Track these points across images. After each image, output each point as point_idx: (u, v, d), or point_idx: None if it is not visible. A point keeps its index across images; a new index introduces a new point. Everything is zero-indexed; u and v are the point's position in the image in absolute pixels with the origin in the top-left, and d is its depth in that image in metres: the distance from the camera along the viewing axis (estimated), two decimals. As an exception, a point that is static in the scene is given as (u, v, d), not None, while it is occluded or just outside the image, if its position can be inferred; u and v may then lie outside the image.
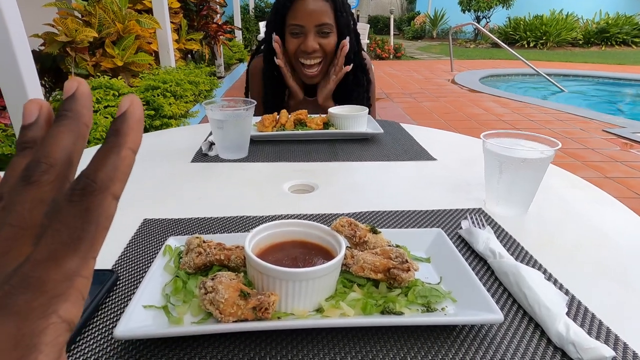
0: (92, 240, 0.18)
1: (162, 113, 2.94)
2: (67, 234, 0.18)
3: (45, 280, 0.17)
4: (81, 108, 0.20)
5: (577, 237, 0.67)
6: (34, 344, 0.16)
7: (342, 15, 1.34)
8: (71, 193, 0.18)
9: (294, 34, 1.32)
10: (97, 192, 0.18)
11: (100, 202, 0.18)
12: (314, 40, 1.31)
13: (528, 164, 0.68)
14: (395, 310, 0.46)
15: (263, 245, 0.52)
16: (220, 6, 6.13)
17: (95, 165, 0.19)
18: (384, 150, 1.08)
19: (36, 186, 0.19)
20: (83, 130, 0.20)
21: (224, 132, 0.99)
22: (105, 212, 0.18)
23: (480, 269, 0.58)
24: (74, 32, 2.73)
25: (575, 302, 0.51)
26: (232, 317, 0.43)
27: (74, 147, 0.20)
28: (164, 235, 0.65)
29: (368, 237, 0.55)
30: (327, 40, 1.33)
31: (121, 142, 0.19)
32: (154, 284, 0.49)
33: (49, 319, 0.17)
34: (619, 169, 3.14)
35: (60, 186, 0.19)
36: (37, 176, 0.19)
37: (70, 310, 0.17)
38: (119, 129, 0.20)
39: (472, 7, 13.87)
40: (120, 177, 0.19)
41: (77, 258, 0.18)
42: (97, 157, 0.19)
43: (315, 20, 1.29)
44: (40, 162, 0.19)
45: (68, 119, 0.20)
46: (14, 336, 0.16)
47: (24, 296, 0.16)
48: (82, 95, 0.20)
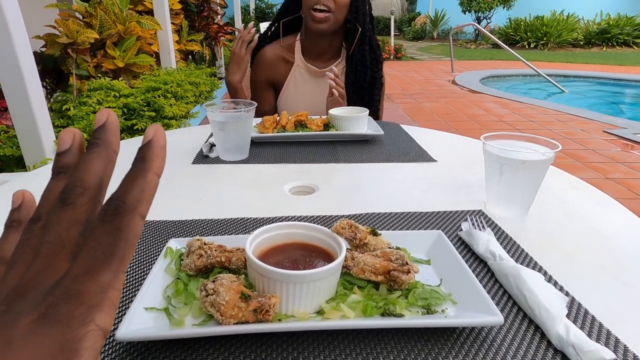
0: (123, 256, 0.20)
1: (162, 114, 2.94)
2: (100, 250, 0.19)
3: (84, 292, 0.19)
4: (110, 137, 0.23)
5: (578, 238, 0.67)
6: (75, 348, 0.18)
7: None
8: (104, 214, 0.20)
9: None
10: (126, 212, 0.20)
11: (129, 222, 0.20)
12: None
13: (528, 166, 0.68)
14: (396, 313, 0.46)
15: (264, 247, 0.52)
16: (221, 7, 6.14)
17: (125, 188, 0.21)
18: (385, 151, 1.08)
19: (72, 208, 0.21)
20: (112, 157, 0.22)
21: (224, 133, 0.99)
22: (134, 230, 0.20)
23: (481, 271, 0.58)
24: (75, 34, 2.74)
25: (576, 304, 0.51)
26: (233, 319, 0.43)
27: (105, 172, 0.22)
28: (165, 236, 0.66)
29: (368, 239, 0.55)
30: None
31: (147, 168, 0.21)
32: (155, 286, 0.50)
33: (88, 326, 0.19)
34: (619, 169, 3.14)
35: (93, 207, 0.21)
36: (73, 198, 0.21)
37: (105, 319, 0.19)
38: (145, 155, 0.22)
39: (472, 8, 13.87)
40: (146, 198, 0.21)
41: (110, 272, 0.19)
42: (126, 181, 0.21)
43: None
44: (76, 186, 0.21)
45: (99, 146, 0.22)
46: (60, 341, 0.18)
47: (66, 306, 0.18)
48: (112, 126, 0.23)
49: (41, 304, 0.18)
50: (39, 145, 1.90)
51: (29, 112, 1.82)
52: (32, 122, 1.84)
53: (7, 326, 0.18)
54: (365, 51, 1.44)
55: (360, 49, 1.43)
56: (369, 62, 1.44)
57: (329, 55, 1.50)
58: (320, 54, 1.49)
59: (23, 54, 1.74)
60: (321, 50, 1.49)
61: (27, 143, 1.89)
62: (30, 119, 1.83)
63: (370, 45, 1.46)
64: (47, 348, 0.18)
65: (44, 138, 1.90)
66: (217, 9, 5.98)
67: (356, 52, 1.43)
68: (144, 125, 2.72)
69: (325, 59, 1.50)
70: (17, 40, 1.70)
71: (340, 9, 1.38)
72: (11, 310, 0.19)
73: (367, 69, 1.44)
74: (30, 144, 1.89)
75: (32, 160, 1.92)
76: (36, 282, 0.20)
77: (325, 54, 1.50)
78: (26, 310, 0.19)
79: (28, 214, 0.26)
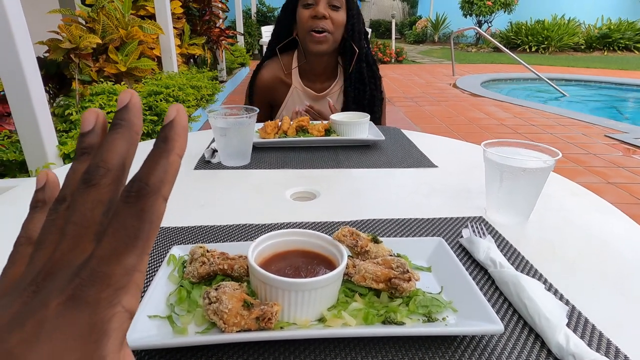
0: (147, 238, 0.20)
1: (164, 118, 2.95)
2: (125, 233, 0.19)
3: (110, 275, 0.19)
4: (133, 117, 0.22)
5: (578, 246, 0.68)
6: (104, 329, 0.18)
7: (352, 1, 1.42)
8: (127, 195, 0.20)
9: (306, 5, 1.38)
10: (150, 194, 0.20)
11: (152, 203, 0.20)
12: (325, 9, 1.36)
13: (528, 174, 0.68)
14: (397, 320, 0.47)
15: (266, 254, 0.53)
16: (222, 11, 6.16)
17: (148, 169, 0.20)
18: (386, 157, 1.09)
19: (96, 188, 0.21)
20: (135, 138, 0.22)
21: (226, 139, 0.99)
22: (157, 212, 0.20)
23: (481, 278, 0.58)
24: (77, 39, 2.76)
25: (576, 312, 0.51)
26: (236, 327, 0.44)
27: (128, 153, 0.22)
28: (167, 243, 0.66)
29: (369, 246, 0.55)
30: (336, 14, 1.38)
31: (169, 148, 0.21)
32: (158, 293, 0.50)
33: (115, 308, 0.19)
34: (621, 174, 3.14)
35: (116, 188, 0.21)
36: (97, 179, 0.21)
37: (131, 301, 0.20)
38: (167, 135, 0.21)
39: (473, 12, 13.90)
40: (169, 179, 0.21)
41: (134, 255, 0.20)
42: (148, 162, 0.21)
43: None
44: (99, 167, 0.21)
45: (122, 127, 0.22)
46: (89, 323, 0.18)
47: (94, 288, 0.19)
48: (134, 106, 0.23)
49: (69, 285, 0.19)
50: (42, 150, 1.91)
51: (32, 117, 1.83)
52: (35, 127, 1.85)
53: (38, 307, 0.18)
54: (362, 69, 1.46)
55: (358, 67, 1.45)
56: (367, 79, 1.46)
57: (326, 75, 1.52)
58: (318, 74, 1.50)
59: (26, 60, 1.75)
60: (319, 71, 1.50)
61: (29, 148, 1.90)
62: (33, 124, 1.84)
63: (367, 62, 1.48)
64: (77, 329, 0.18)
65: (46, 143, 1.91)
66: (219, 13, 6.01)
67: (354, 71, 1.45)
68: (145, 130, 2.73)
69: (322, 80, 1.51)
70: (21, 46, 1.72)
71: (338, 28, 1.40)
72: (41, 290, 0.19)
73: (365, 87, 1.46)
74: (33, 148, 1.90)
75: (34, 165, 1.93)
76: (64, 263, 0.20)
77: (322, 74, 1.51)
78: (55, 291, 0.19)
79: (52, 194, 0.26)
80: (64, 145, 2.04)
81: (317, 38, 1.38)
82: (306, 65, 1.49)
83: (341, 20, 1.40)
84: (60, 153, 2.01)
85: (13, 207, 0.81)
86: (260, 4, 11.43)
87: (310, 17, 1.37)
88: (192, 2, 5.13)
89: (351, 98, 1.46)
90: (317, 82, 1.51)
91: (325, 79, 1.52)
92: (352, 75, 1.45)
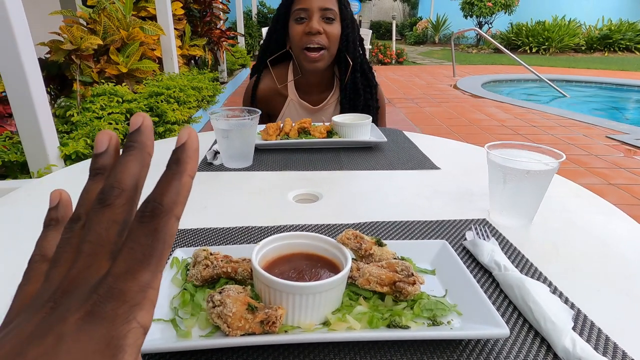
0: (161, 256, 0.21)
1: (165, 119, 2.96)
2: (140, 251, 0.20)
3: (126, 291, 0.20)
4: (145, 140, 0.23)
5: (582, 248, 0.67)
6: (120, 345, 0.19)
7: (346, 9, 1.39)
8: (142, 215, 0.21)
9: (299, 19, 1.35)
10: (163, 214, 0.21)
11: (166, 223, 0.21)
12: (319, 23, 1.33)
13: (532, 176, 0.68)
14: (402, 324, 0.46)
15: (270, 257, 0.53)
16: (223, 12, 6.17)
17: (161, 190, 0.21)
18: (388, 158, 1.09)
19: (110, 208, 0.22)
20: (147, 160, 0.23)
21: (229, 141, 0.99)
22: (170, 231, 0.21)
23: (485, 281, 0.58)
24: (79, 40, 2.76)
25: (581, 316, 0.51)
26: (240, 330, 0.44)
27: (140, 174, 0.23)
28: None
29: (374, 249, 0.55)
30: (330, 27, 1.35)
31: (182, 170, 0.22)
32: (161, 296, 0.50)
33: (131, 324, 0.19)
34: (622, 175, 3.14)
35: (130, 209, 0.22)
36: (112, 199, 0.22)
37: (146, 317, 0.20)
38: (180, 158, 0.22)
39: (474, 13, 13.92)
40: (182, 200, 0.22)
41: (149, 272, 0.20)
42: (161, 183, 0.22)
43: (320, 4, 1.33)
44: (114, 187, 0.22)
45: (135, 149, 0.23)
46: (106, 338, 0.19)
47: (110, 305, 0.19)
48: (146, 129, 0.24)
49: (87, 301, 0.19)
50: (43, 151, 1.91)
51: (34, 119, 1.83)
52: (37, 128, 1.85)
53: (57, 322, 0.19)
54: (357, 79, 1.43)
55: (352, 77, 1.43)
56: (361, 89, 1.44)
57: (322, 87, 1.49)
58: (314, 87, 1.48)
59: (28, 61, 1.75)
60: (315, 84, 1.48)
61: (31, 149, 1.90)
62: (34, 126, 1.84)
63: (362, 71, 1.45)
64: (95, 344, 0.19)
65: (47, 144, 1.91)
66: (220, 14, 6.01)
67: (348, 82, 1.43)
68: (146, 131, 2.73)
69: (319, 92, 1.50)
70: (22, 47, 1.72)
71: (333, 42, 1.37)
72: (59, 306, 0.20)
73: (359, 96, 1.44)
74: (34, 150, 1.90)
75: (36, 166, 1.93)
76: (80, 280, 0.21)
77: (319, 86, 1.49)
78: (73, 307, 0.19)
79: (65, 213, 0.27)
80: (65, 146, 2.04)
81: (312, 57, 1.35)
82: (302, 79, 1.47)
83: (336, 33, 1.36)
84: (62, 154, 2.01)
85: (15, 209, 0.81)
86: (261, 5, 11.45)
87: (303, 33, 1.34)
88: (193, 3, 5.14)
89: (346, 109, 1.44)
90: (314, 94, 1.49)
91: (322, 91, 1.50)
92: (347, 86, 1.43)
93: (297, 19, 1.35)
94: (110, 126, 2.44)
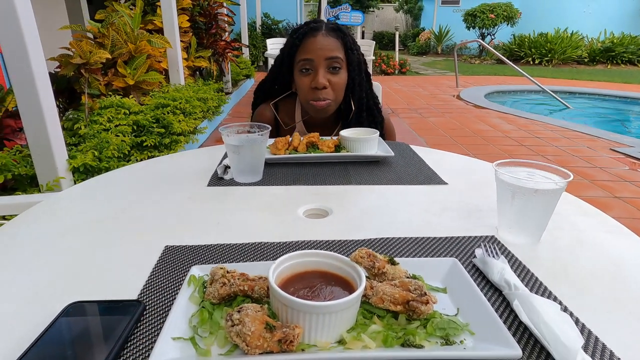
0: None
1: (171, 130, 2.99)
2: None
3: None
4: None
5: (591, 268, 0.68)
6: None
7: (352, 53, 1.36)
8: None
9: (304, 70, 1.33)
10: None
11: None
12: (324, 76, 1.31)
13: (540, 195, 0.69)
14: (416, 343, 0.47)
15: (284, 275, 0.54)
16: (228, 24, 6.25)
17: None
18: (396, 173, 1.10)
19: None
20: None
21: (239, 156, 1.01)
22: None
23: (496, 300, 0.59)
24: (88, 54, 2.80)
25: (593, 337, 0.51)
26: (259, 349, 0.45)
27: None
28: (186, 262, 0.67)
29: (387, 268, 0.56)
30: (337, 77, 1.33)
31: None
32: (180, 314, 0.51)
33: None
34: (628, 188, 3.14)
35: None
36: None
37: None
38: None
39: (476, 24, 14.02)
40: None
41: None
42: None
43: (325, 54, 1.30)
44: None
45: None
46: None
47: None
48: None
49: None
50: (52, 164, 1.93)
51: (44, 133, 1.86)
52: (47, 142, 1.88)
53: None
54: (362, 118, 1.42)
55: (357, 116, 1.42)
56: (366, 124, 1.41)
57: (329, 124, 1.49)
58: (319, 124, 1.48)
59: (39, 76, 1.78)
60: (320, 123, 1.47)
61: (40, 162, 1.93)
62: (44, 139, 1.87)
63: (368, 109, 1.43)
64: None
65: (57, 157, 1.94)
66: (225, 26, 6.09)
67: (353, 120, 1.42)
68: (152, 142, 2.76)
69: (326, 127, 1.48)
70: (35, 63, 1.75)
71: (339, 92, 1.36)
72: None
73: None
74: (44, 163, 1.93)
75: (45, 179, 1.95)
76: None
77: (325, 124, 1.48)
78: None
79: None
80: (74, 159, 2.06)
81: (319, 106, 1.34)
82: (309, 119, 1.47)
83: (342, 82, 1.35)
84: (70, 167, 2.03)
85: (35, 223, 0.82)
86: (265, 17, 11.58)
87: (309, 87, 1.32)
88: (199, 16, 5.21)
89: None
90: (320, 129, 1.47)
91: (328, 127, 1.49)
92: (350, 123, 1.40)
93: (302, 69, 1.33)
94: (118, 139, 2.46)
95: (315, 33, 1.33)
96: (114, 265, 0.68)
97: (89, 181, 1.06)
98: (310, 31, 1.34)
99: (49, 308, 0.55)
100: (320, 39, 1.32)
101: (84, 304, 0.55)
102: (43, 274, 0.65)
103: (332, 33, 1.35)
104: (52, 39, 3.01)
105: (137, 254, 0.71)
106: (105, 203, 0.92)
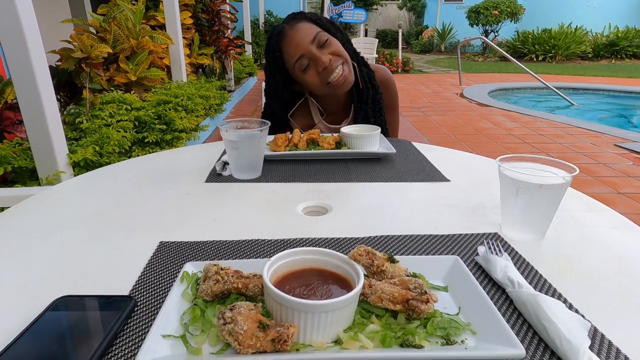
0: None
1: (173, 127, 2.97)
2: None
3: None
4: None
5: (597, 264, 0.66)
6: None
7: (321, 22, 1.38)
8: None
9: (305, 68, 1.32)
10: None
11: None
12: (322, 54, 1.30)
13: (545, 190, 0.67)
14: (415, 343, 0.46)
15: (280, 273, 0.52)
16: (231, 22, 6.22)
17: None
18: (397, 170, 1.08)
19: None
20: None
21: (238, 152, 0.99)
22: None
23: (499, 298, 0.57)
24: (89, 48, 2.79)
25: (598, 334, 0.50)
26: (251, 348, 0.43)
27: None
28: (180, 259, 0.66)
29: (386, 266, 0.54)
30: (331, 46, 1.33)
31: None
32: (172, 312, 0.49)
33: None
34: (632, 184, 3.10)
35: None
36: None
37: None
38: None
39: (480, 21, 13.93)
40: None
41: None
42: None
43: (306, 39, 1.30)
44: None
45: None
46: None
47: None
48: None
49: None
50: (52, 158, 1.92)
51: (44, 126, 1.85)
52: (47, 135, 1.86)
53: None
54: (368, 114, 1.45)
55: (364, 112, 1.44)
56: (371, 115, 1.45)
57: (341, 114, 1.52)
58: (334, 113, 1.51)
59: (39, 69, 1.77)
60: (335, 109, 1.50)
61: (40, 155, 1.92)
62: (44, 132, 1.86)
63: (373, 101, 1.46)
64: None
65: (57, 151, 1.93)
66: (228, 23, 6.07)
67: (358, 110, 1.45)
68: (154, 138, 2.75)
69: (338, 118, 1.52)
70: (34, 55, 1.74)
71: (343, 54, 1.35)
72: None
73: (369, 121, 1.44)
74: (44, 156, 1.92)
75: (45, 172, 1.94)
76: None
77: (338, 112, 1.51)
78: None
79: None
80: (74, 153, 2.05)
81: (341, 80, 1.33)
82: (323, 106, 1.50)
83: (338, 46, 1.35)
84: (70, 161, 2.02)
85: (27, 213, 0.81)
86: (268, 15, 11.55)
87: (318, 75, 1.32)
88: (202, 13, 5.19)
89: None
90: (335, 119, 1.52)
91: (341, 119, 1.52)
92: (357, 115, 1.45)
93: (302, 69, 1.32)
94: (119, 134, 2.45)
95: (285, 33, 1.34)
96: (106, 260, 0.66)
97: (85, 175, 1.04)
98: (279, 35, 1.35)
99: (38, 301, 0.54)
100: (292, 34, 1.32)
101: (73, 298, 0.53)
102: (34, 267, 0.64)
103: (296, 21, 1.36)
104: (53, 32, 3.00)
105: (131, 249, 0.69)
106: (101, 197, 0.91)
